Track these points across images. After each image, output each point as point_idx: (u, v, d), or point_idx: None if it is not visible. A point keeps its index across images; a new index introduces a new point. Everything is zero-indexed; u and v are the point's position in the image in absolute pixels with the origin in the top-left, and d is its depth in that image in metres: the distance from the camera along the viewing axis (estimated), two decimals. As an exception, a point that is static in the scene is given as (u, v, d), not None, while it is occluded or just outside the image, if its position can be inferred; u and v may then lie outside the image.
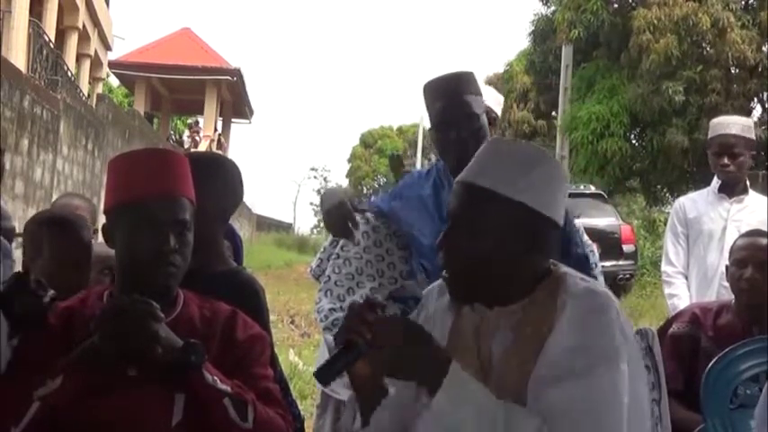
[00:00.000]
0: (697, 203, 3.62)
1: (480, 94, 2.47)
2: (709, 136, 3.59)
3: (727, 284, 3.22)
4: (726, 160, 3.48)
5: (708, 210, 3.55)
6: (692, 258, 3.56)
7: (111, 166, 1.82)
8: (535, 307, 1.57)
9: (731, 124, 3.59)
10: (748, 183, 3.58)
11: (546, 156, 1.64)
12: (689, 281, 3.56)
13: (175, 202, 1.73)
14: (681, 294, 3.52)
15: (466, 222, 1.55)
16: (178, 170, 1.77)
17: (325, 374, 1.51)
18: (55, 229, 2.28)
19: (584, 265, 2.43)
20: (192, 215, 1.76)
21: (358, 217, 2.48)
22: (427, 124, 2.59)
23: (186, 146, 23.27)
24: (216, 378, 1.63)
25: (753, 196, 3.55)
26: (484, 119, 2.41)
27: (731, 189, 3.53)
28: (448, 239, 1.58)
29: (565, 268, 1.64)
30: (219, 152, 14.07)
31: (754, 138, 3.56)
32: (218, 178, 2.11)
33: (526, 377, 1.51)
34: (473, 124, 2.37)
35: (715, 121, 3.72)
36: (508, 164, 1.56)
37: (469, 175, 1.59)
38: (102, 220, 1.93)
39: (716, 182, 3.60)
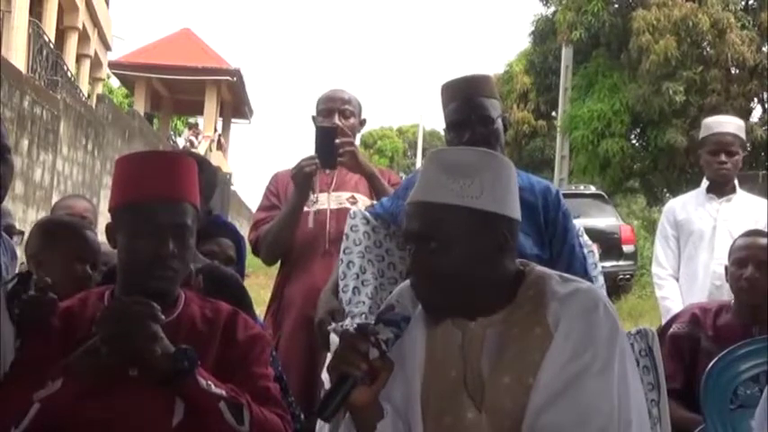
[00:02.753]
0: (686, 205, 3.62)
1: (496, 98, 2.46)
2: (704, 135, 3.57)
3: (718, 284, 3.22)
4: (723, 158, 3.46)
5: (697, 210, 3.54)
6: (683, 259, 3.56)
7: (117, 165, 1.81)
8: (521, 314, 1.55)
9: (728, 123, 3.58)
10: (737, 182, 3.56)
11: (490, 155, 1.63)
12: (680, 281, 3.56)
13: (177, 206, 1.72)
14: (672, 296, 3.52)
15: (427, 241, 1.54)
16: (183, 174, 1.76)
17: (325, 410, 1.49)
18: (66, 234, 2.28)
19: (582, 264, 2.43)
20: (195, 220, 1.75)
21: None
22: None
23: (181, 147, 23.13)
24: (210, 383, 1.62)
25: (741, 195, 3.54)
26: (499, 123, 2.40)
27: (721, 189, 3.52)
28: (415, 261, 1.56)
29: (538, 267, 1.62)
30: (196, 152, 13.88)
31: (746, 139, 3.56)
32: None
33: (521, 398, 1.49)
34: (487, 127, 2.36)
35: (709, 120, 3.71)
36: (454, 173, 1.54)
37: (419, 194, 1.58)
38: (101, 220, 1.93)
39: (705, 182, 3.59)
